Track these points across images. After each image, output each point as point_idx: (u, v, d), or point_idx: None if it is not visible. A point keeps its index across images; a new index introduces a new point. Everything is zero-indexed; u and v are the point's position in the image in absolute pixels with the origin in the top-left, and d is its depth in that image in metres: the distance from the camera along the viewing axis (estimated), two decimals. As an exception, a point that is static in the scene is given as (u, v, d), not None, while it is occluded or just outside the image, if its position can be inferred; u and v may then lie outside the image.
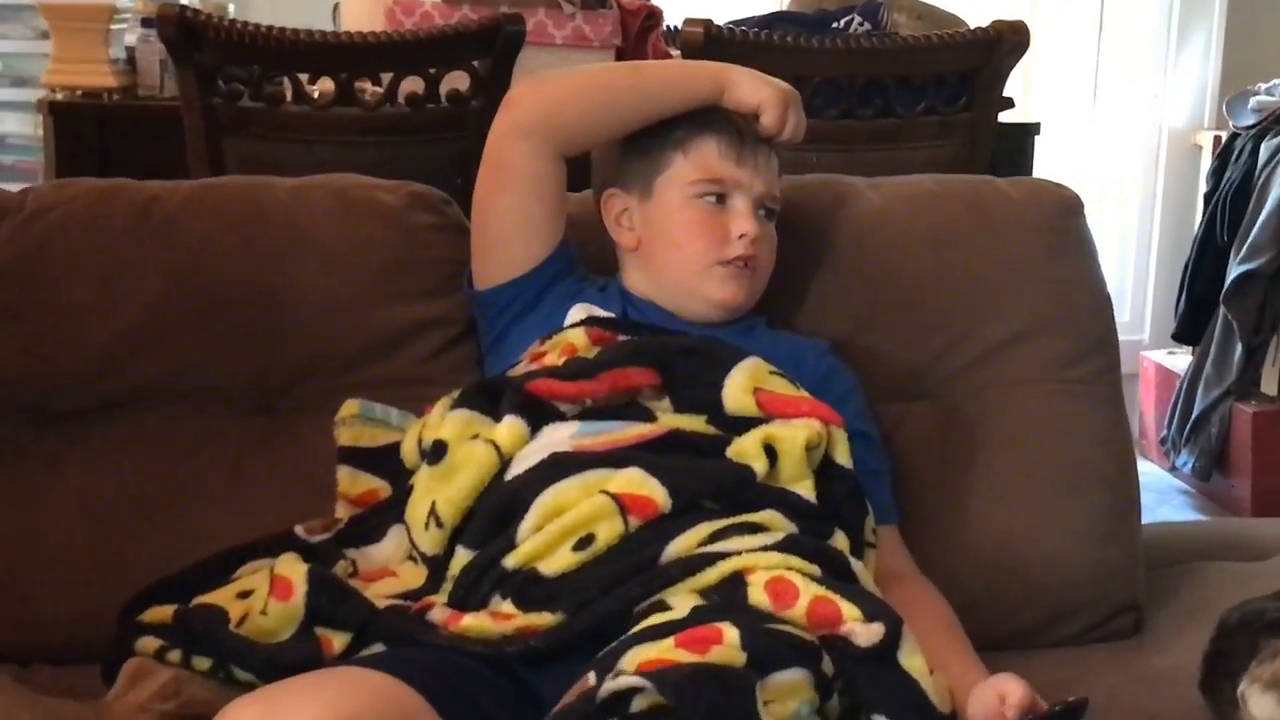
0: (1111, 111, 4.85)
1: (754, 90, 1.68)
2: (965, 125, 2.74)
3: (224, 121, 2.61)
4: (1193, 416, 3.87)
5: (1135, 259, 4.87)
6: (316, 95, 2.65)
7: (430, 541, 1.49)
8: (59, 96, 2.96)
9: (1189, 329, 3.99)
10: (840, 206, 1.83)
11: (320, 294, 1.73)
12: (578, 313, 1.67)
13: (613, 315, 1.67)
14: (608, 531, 1.40)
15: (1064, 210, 1.86)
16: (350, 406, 1.67)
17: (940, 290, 1.79)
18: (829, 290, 1.80)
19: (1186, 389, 3.93)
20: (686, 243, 1.66)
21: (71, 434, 1.68)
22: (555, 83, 1.75)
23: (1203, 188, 4.14)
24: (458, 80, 2.66)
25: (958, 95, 2.74)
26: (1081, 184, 1.85)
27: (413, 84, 2.65)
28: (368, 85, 2.68)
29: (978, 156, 2.70)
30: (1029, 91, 4.59)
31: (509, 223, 1.70)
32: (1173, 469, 4.00)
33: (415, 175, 1.89)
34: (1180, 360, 4.12)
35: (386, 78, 2.65)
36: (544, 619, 1.37)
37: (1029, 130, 3.10)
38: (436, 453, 1.51)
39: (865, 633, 1.30)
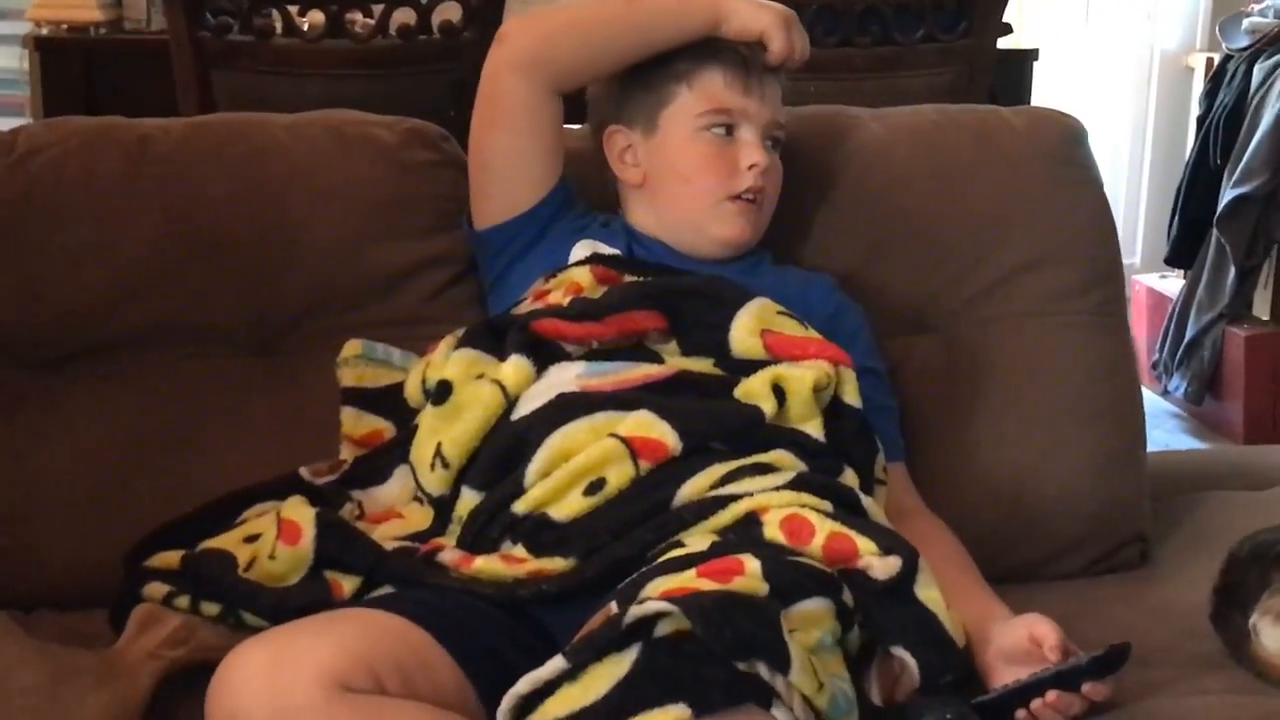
0: (1103, 33, 4.81)
1: (754, 17, 1.65)
2: (964, 52, 2.71)
3: (213, 55, 2.58)
4: (1185, 340, 3.87)
5: (1126, 183, 4.84)
6: (306, 28, 2.62)
7: (436, 482, 1.48)
8: (45, 31, 2.92)
9: (1181, 253, 3.98)
10: (843, 138, 1.81)
11: (319, 233, 1.71)
12: (582, 249, 1.65)
13: (618, 253, 1.65)
14: (618, 475, 1.40)
15: (1068, 139, 1.85)
16: (353, 347, 1.65)
17: (945, 222, 1.78)
18: (833, 223, 1.78)
19: (1179, 313, 3.93)
20: (695, 177, 1.64)
21: (70, 377, 1.66)
22: (547, 18, 1.72)
23: (1195, 111, 4.11)
24: (450, 11, 2.63)
25: (956, 22, 2.71)
26: (1072, 107, 1.83)
27: (404, 15, 2.62)
28: (358, 17, 2.65)
29: (976, 84, 2.67)
30: (1021, 15, 4.53)
31: (506, 162, 1.68)
32: (1165, 393, 4.00)
33: (408, 108, 1.87)
34: (1172, 284, 4.12)
35: (378, 9, 2.62)
36: (556, 564, 1.37)
37: (1028, 56, 3.08)
38: (441, 393, 1.49)
39: (882, 566, 1.31)
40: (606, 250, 1.65)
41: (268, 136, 1.75)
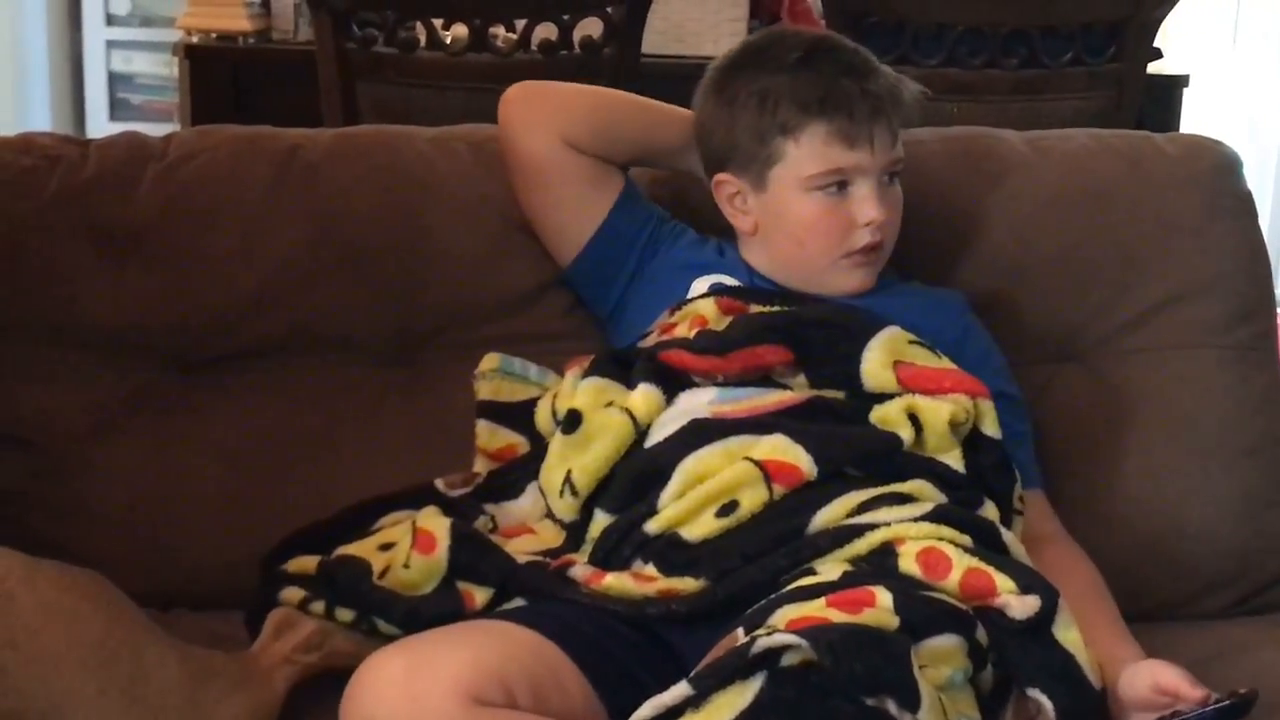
0: (1251, 59, 4.71)
1: None
2: (1113, 77, 2.66)
3: (357, 66, 2.61)
4: (1330, 376, 3.76)
5: (1271, 214, 4.74)
6: (450, 41, 2.65)
7: (565, 509, 1.48)
8: (195, 39, 2.98)
9: (1329, 286, 3.87)
10: (991, 159, 1.78)
11: (459, 246, 1.72)
12: (701, 285, 1.63)
13: (741, 285, 1.61)
14: (752, 499, 1.38)
15: (1223, 168, 1.80)
16: (490, 360, 1.66)
17: (1094, 249, 1.74)
18: (978, 246, 1.75)
19: (1324, 348, 3.82)
20: (808, 240, 1.58)
21: (213, 381, 1.69)
22: (554, 85, 1.72)
23: (1348, 141, 4.00)
24: (591, 27, 2.64)
25: (1106, 45, 2.66)
26: (1217, 135, 1.79)
27: (546, 30, 2.63)
28: (501, 31, 2.67)
29: (1125, 110, 2.62)
30: (1167, 39, 4.44)
31: (550, 212, 1.67)
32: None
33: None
34: (1318, 318, 4.00)
35: (520, 24, 2.63)
36: (686, 584, 1.36)
37: (1178, 83, 3.01)
38: (571, 422, 1.49)
39: (1020, 605, 1.28)
40: (729, 282, 1.62)
41: (412, 149, 1.76)
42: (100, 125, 4.55)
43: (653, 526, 1.40)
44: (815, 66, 1.58)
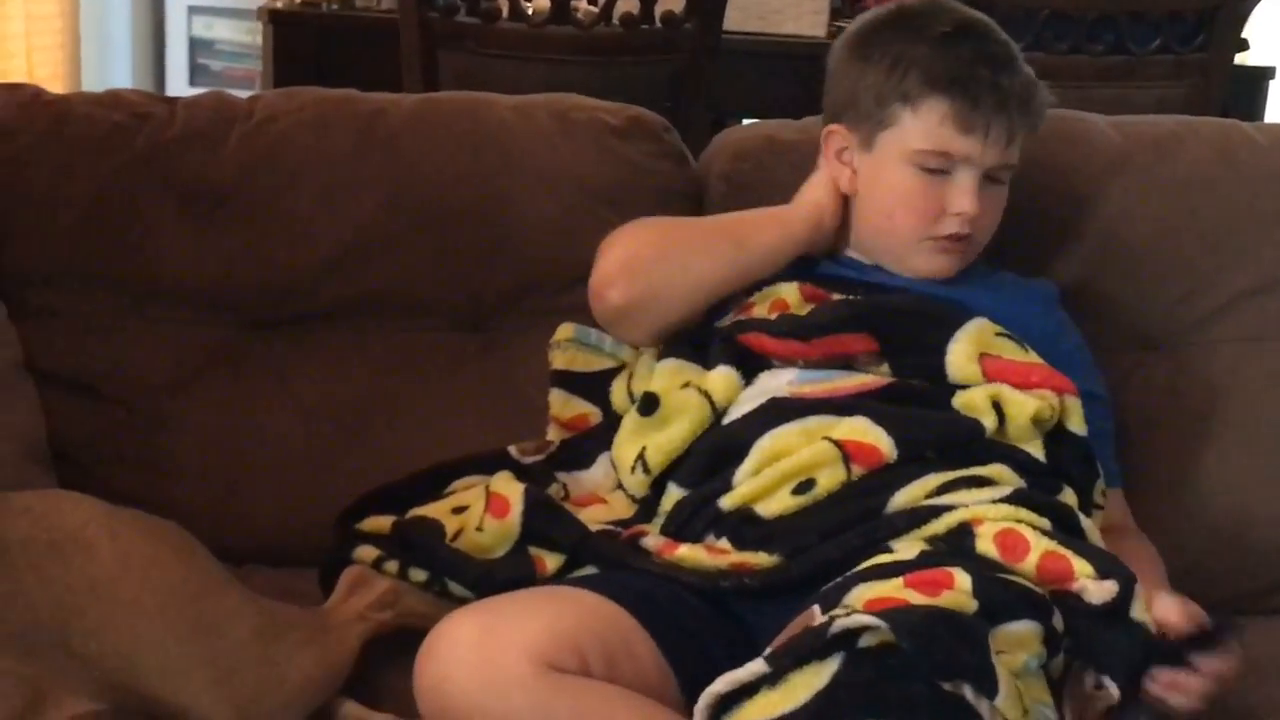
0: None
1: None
2: (1199, 66, 2.63)
3: (439, 36, 2.62)
4: None
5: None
6: (531, 12, 2.65)
7: (636, 485, 1.48)
8: (279, 4, 3.00)
9: None
10: (1078, 143, 1.76)
11: (538, 214, 1.72)
12: None
13: (827, 273, 1.59)
14: (829, 478, 1.38)
15: (1315, 159, 1.78)
16: (565, 330, 1.66)
17: (1181, 237, 1.73)
18: (1062, 231, 1.73)
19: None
20: (897, 214, 1.56)
21: (292, 341, 1.70)
22: (648, 263, 1.58)
23: None
24: (673, 2, 2.63)
25: (1194, 34, 2.62)
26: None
27: (627, 4, 2.63)
28: (582, 4, 2.68)
29: (1210, 100, 2.59)
30: (1251, 31, 4.37)
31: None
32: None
33: (626, 97, 1.87)
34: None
35: (601, -2, 2.64)
36: (760, 559, 1.36)
37: (1264, 74, 2.97)
38: (648, 405, 1.49)
39: (1098, 590, 1.26)
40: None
41: (494, 116, 1.76)
42: (180, 92, 4.57)
43: (727, 502, 1.40)
44: (956, 46, 1.55)
